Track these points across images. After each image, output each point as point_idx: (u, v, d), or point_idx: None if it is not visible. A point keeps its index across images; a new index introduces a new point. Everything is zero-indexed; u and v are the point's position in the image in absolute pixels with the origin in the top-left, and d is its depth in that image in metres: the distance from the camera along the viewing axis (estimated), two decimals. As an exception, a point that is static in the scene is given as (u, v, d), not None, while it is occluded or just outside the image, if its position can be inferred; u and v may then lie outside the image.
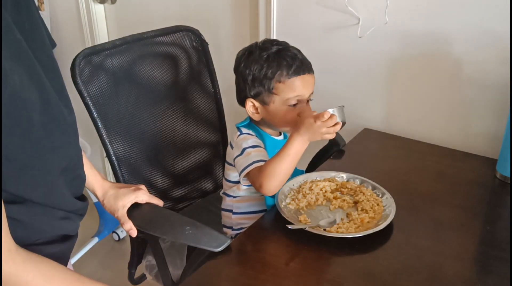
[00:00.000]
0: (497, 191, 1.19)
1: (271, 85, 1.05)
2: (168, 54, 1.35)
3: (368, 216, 1.02)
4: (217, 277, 0.90)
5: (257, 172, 1.03)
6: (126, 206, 0.99)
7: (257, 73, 1.06)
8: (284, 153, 1.01)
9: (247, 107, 1.10)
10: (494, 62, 1.28)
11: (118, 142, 1.22)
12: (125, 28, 2.09)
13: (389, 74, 1.46)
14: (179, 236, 0.96)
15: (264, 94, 1.07)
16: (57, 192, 0.71)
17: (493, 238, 1.01)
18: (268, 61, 1.05)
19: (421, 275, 0.88)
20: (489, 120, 1.34)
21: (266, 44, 1.09)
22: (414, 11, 1.35)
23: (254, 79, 1.06)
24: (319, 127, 0.98)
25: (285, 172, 1.02)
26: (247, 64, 1.08)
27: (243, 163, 1.07)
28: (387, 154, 1.40)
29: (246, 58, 1.09)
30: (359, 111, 1.55)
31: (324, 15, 1.49)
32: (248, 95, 1.09)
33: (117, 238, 2.20)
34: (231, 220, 1.19)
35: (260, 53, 1.07)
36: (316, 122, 0.98)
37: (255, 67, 1.06)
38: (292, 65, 1.05)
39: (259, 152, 1.07)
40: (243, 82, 1.09)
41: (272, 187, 1.02)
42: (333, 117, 0.99)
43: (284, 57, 1.06)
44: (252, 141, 1.10)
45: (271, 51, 1.06)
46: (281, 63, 1.05)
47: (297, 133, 1.00)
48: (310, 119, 0.98)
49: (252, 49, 1.09)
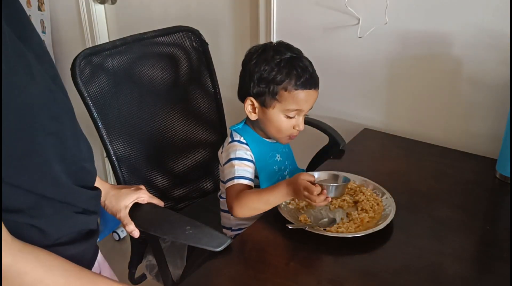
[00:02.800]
0: (497, 191, 1.19)
1: (276, 90, 1.04)
2: (168, 54, 1.35)
3: (368, 216, 1.02)
4: (217, 276, 0.90)
5: (234, 192, 1.04)
6: (128, 206, 0.99)
7: (266, 74, 1.05)
8: (265, 196, 1.01)
9: (246, 104, 1.09)
10: (494, 62, 1.28)
11: (118, 142, 1.22)
12: (125, 28, 2.09)
13: (389, 74, 1.46)
14: (180, 236, 0.96)
15: (267, 96, 1.06)
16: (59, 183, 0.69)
17: (493, 238, 1.01)
18: (280, 66, 1.04)
19: (421, 274, 0.89)
20: (489, 120, 1.34)
21: (280, 47, 1.07)
22: (414, 11, 1.35)
23: (261, 79, 1.05)
24: (304, 196, 0.96)
25: (257, 211, 1.04)
26: (258, 62, 1.06)
27: (227, 174, 1.07)
28: (387, 154, 1.40)
29: (259, 56, 1.07)
30: (359, 111, 1.55)
31: (324, 15, 1.49)
32: (251, 92, 1.08)
33: (117, 238, 2.20)
34: (230, 221, 1.19)
35: (273, 55, 1.05)
36: (303, 192, 0.95)
37: (265, 68, 1.05)
38: (302, 77, 1.04)
39: (243, 167, 1.07)
40: (249, 78, 1.08)
41: (240, 215, 1.03)
42: (322, 195, 0.94)
43: (295, 66, 1.04)
44: (241, 152, 1.08)
45: (284, 56, 1.05)
46: (291, 71, 1.04)
47: (286, 187, 0.98)
48: (301, 186, 0.96)
49: (266, 48, 1.08)
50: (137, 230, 0.99)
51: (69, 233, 0.72)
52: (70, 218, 0.72)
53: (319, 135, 1.42)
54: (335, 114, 1.58)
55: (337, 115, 1.58)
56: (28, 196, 0.65)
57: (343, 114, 1.58)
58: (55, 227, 0.69)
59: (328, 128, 1.43)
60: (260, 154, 1.11)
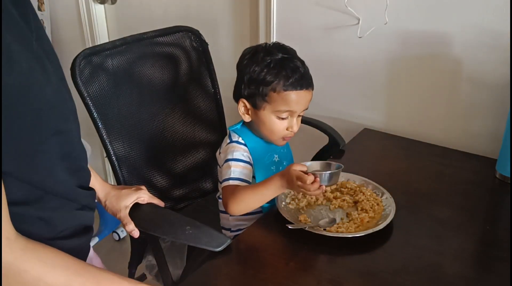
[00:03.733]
0: (497, 191, 1.19)
1: (266, 91, 1.04)
2: (168, 54, 1.35)
3: (368, 216, 1.02)
4: (217, 276, 0.90)
5: (229, 191, 1.04)
6: (128, 206, 1.00)
7: (255, 75, 1.05)
8: (260, 190, 1.01)
9: (239, 106, 1.10)
10: (494, 62, 1.28)
11: (118, 142, 1.22)
12: (125, 28, 2.09)
13: (389, 74, 1.46)
14: (179, 236, 0.96)
15: (257, 98, 1.05)
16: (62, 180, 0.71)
17: (493, 238, 1.01)
18: (269, 67, 1.03)
19: (421, 274, 0.89)
20: (489, 120, 1.34)
21: (273, 48, 1.07)
22: (414, 11, 1.35)
23: (251, 80, 1.06)
24: (298, 186, 0.95)
25: (253, 206, 1.04)
26: (248, 63, 1.07)
27: (224, 175, 1.07)
28: (387, 154, 1.40)
29: (250, 57, 1.07)
30: (359, 111, 1.55)
31: (324, 15, 1.49)
32: (242, 94, 1.08)
33: (117, 238, 2.20)
34: (229, 222, 1.19)
35: (264, 56, 1.05)
36: (296, 182, 0.95)
37: (255, 69, 1.05)
38: (291, 77, 1.02)
39: (240, 168, 1.07)
40: (240, 79, 1.08)
41: (236, 211, 1.03)
42: (315, 183, 0.93)
43: (285, 67, 1.03)
44: (238, 153, 1.08)
45: (275, 57, 1.04)
46: (281, 72, 1.03)
47: (280, 179, 0.98)
48: (293, 176, 0.95)
49: (258, 49, 1.07)
50: (137, 230, 0.99)
51: (71, 226, 0.74)
52: (72, 213, 0.75)
53: (319, 135, 1.42)
54: (335, 114, 1.58)
55: (337, 115, 1.58)
56: (35, 191, 0.67)
57: (343, 114, 1.58)
58: (59, 220, 0.71)
59: (328, 128, 1.43)
60: (258, 155, 1.11)
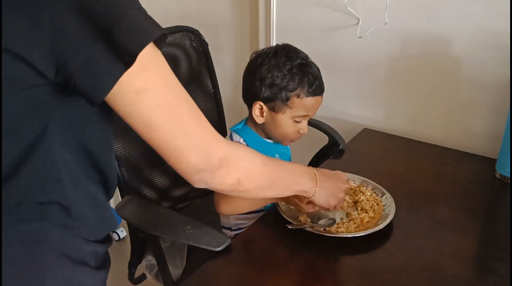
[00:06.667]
0: (497, 191, 1.19)
1: (288, 96, 1.05)
2: (168, 54, 1.35)
3: (367, 216, 1.02)
4: (217, 276, 0.90)
5: None
6: None
7: (278, 81, 1.05)
8: None
9: (254, 108, 1.09)
10: (494, 62, 1.28)
11: (118, 142, 1.22)
12: (125, 28, 2.09)
13: (389, 74, 1.47)
14: (179, 236, 0.96)
15: (278, 102, 1.06)
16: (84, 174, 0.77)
17: (493, 238, 1.01)
18: (291, 73, 1.04)
19: (420, 274, 0.89)
20: (488, 120, 1.34)
21: (290, 53, 1.08)
22: (414, 11, 1.35)
23: (273, 85, 1.05)
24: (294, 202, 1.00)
25: (243, 210, 1.05)
26: (270, 68, 1.07)
27: None
28: (387, 154, 1.40)
29: (269, 61, 1.07)
30: (359, 111, 1.55)
31: (324, 15, 1.49)
32: (260, 97, 1.08)
33: (117, 238, 2.20)
34: (229, 220, 1.19)
35: (285, 61, 1.06)
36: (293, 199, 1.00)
37: (278, 74, 1.05)
38: (313, 84, 1.05)
39: None
40: (259, 82, 1.07)
41: (225, 212, 1.05)
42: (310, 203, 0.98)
43: (307, 73, 1.05)
44: None
45: (295, 62, 1.06)
46: (303, 79, 1.05)
47: None
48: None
49: (278, 53, 1.08)
50: None
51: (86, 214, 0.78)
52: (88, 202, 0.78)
53: (319, 135, 1.42)
54: (335, 114, 1.58)
55: (337, 115, 1.58)
56: None
57: (343, 114, 1.58)
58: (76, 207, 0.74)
59: (328, 128, 1.43)
60: None
